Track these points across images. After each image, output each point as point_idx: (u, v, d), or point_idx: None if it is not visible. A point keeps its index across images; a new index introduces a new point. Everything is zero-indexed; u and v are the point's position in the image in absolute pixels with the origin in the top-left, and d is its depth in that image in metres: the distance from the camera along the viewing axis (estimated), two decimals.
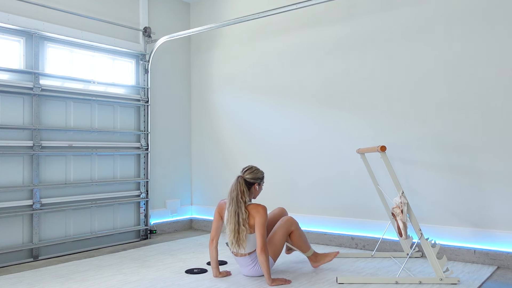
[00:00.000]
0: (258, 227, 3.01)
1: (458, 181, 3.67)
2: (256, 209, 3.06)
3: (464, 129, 3.65)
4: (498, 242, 3.48)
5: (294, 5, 3.96)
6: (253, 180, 3.20)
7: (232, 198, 3.11)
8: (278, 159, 4.77)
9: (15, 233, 3.87)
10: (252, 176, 3.20)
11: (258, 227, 3.01)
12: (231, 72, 5.21)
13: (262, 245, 2.98)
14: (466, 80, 3.65)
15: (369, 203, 4.11)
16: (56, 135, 4.20)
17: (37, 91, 4.01)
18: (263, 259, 2.98)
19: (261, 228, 3.00)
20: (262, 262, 2.99)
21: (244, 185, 3.15)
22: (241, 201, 3.08)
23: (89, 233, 4.41)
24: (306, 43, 4.57)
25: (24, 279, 3.30)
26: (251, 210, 3.07)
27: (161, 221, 5.16)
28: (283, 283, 3.05)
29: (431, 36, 3.81)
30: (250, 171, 3.22)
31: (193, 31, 4.70)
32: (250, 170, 3.23)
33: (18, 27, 3.92)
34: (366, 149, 3.54)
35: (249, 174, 3.20)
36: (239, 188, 3.13)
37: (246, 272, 3.24)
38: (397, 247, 3.91)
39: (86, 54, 4.53)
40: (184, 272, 3.40)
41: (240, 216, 3.05)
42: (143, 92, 4.98)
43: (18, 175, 3.91)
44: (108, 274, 3.38)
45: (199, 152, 5.54)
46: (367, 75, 4.17)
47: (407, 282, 3.01)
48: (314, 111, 4.51)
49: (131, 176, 4.83)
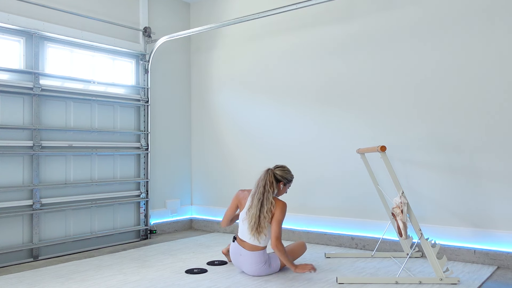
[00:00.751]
0: (275, 222, 3.14)
1: (458, 181, 3.67)
2: (278, 204, 3.18)
3: (464, 129, 3.65)
4: (498, 242, 3.48)
5: (294, 5, 3.96)
6: (281, 178, 3.30)
7: (259, 186, 3.23)
8: (278, 159, 4.76)
9: (15, 233, 3.87)
10: (281, 174, 3.31)
11: (275, 222, 3.14)
12: (231, 72, 5.21)
13: (276, 238, 3.12)
14: (466, 80, 3.65)
15: (369, 203, 4.11)
16: (56, 135, 4.20)
17: (37, 91, 4.01)
18: (278, 250, 3.12)
19: (277, 224, 3.13)
20: (279, 252, 3.13)
21: (273, 178, 3.25)
22: (269, 190, 3.20)
23: (89, 233, 4.41)
24: (306, 43, 4.57)
25: (24, 279, 3.30)
26: (276, 203, 3.19)
27: (161, 221, 5.16)
28: (308, 270, 3.14)
29: (432, 37, 3.81)
30: (282, 169, 3.35)
31: (193, 31, 4.70)
32: (282, 168, 3.35)
33: (18, 27, 3.92)
34: (366, 149, 3.54)
35: (280, 171, 3.32)
36: (268, 178, 3.24)
37: (252, 269, 3.21)
38: (397, 247, 3.91)
39: (86, 54, 4.53)
40: (184, 272, 3.40)
41: (266, 204, 3.15)
42: (143, 92, 4.98)
43: (18, 175, 3.91)
44: (108, 274, 3.38)
45: (199, 152, 5.54)
46: (367, 76, 4.17)
47: (407, 282, 3.01)
48: (314, 111, 4.51)
49: (131, 176, 4.83)
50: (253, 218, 3.16)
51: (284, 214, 3.19)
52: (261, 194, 3.20)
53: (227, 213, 3.51)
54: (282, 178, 3.31)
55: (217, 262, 3.66)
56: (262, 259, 3.20)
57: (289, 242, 4.44)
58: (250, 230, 3.16)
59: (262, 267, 3.20)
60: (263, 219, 3.14)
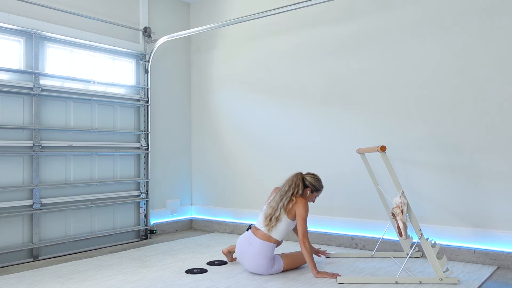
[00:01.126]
0: (299, 219, 3.22)
1: (458, 181, 3.67)
2: (298, 200, 3.26)
3: (464, 129, 3.65)
4: (498, 242, 3.48)
5: (294, 5, 3.96)
6: (309, 184, 3.37)
7: (285, 185, 3.35)
8: (278, 159, 4.77)
9: (15, 233, 3.87)
10: (311, 180, 3.39)
11: (299, 219, 3.22)
12: (231, 72, 5.21)
13: (302, 236, 3.18)
14: (466, 80, 3.65)
15: (369, 203, 4.11)
16: (56, 135, 4.20)
17: (37, 91, 4.01)
18: (305, 247, 3.17)
19: (301, 221, 3.21)
20: (305, 250, 3.17)
21: (301, 181, 3.34)
22: (292, 190, 3.28)
23: (89, 233, 4.41)
24: (306, 43, 4.57)
25: (24, 279, 3.30)
26: (297, 200, 3.26)
27: (161, 221, 5.16)
28: (330, 276, 3.13)
29: (432, 37, 3.81)
30: (313, 176, 3.42)
31: (193, 31, 4.70)
32: (313, 175, 3.42)
33: (18, 27, 3.92)
34: (366, 149, 3.54)
35: (310, 177, 3.40)
36: (295, 180, 3.33)
37: (255, 262, 3.22)
38: (397, 247, 3.91)
39: (86, 54, 4.53)
40: (184, 272, 3.40)
41: (285, 199, 3.26)
42: (143, 92, 4.98)
43: (18, 175, 3.91)
44: (108, 274, 3.38)
45: (199, 152, 5.54)
46: (367, 76, 4.17)
47: (407, 282, 3.01)
48: (314, 111, 4.51)
49: (131, 176, 4.83)
50: (271, 209, 3.28)
51: (306, 210, 3.23)
52: (284, 192, 3.31)
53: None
54: (310, 184, 3.37)
55: (217, 262, 3.66)
56: (268, 253, 3.22)
57: (289, 242, 4.46)
58: (265, 219, 3.27)
59: (265, 262, 3.21)
60: (279, 211, 3.23)
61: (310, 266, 3.19)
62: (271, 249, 3.25)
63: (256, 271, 3.25)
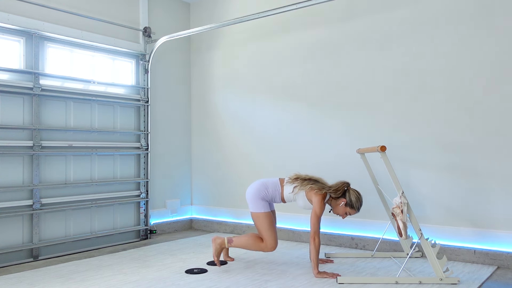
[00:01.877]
0: (312, 215, 3.24)
1: (458, 181, 3.67)
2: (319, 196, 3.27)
3: (464, 129, 3.65)
4: (498, 242, 3.48)
5: (294, 5, 3.96)
6: (348, 197, 3.32)
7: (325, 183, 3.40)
8: (278, 159, 4.77)
9: (15, 233, 3.87)
10: (352, 195, 3.33)
11: (312, 215, 3.24)
12: (231, 72, 5.21)
13: (313, 233, 3.19)
14: (466, 80, 3.65)
15: (369, 203, 4.11)
16: (56, 135, 4.20)
17: (37, 91, 4.01)
18: (313, 246, 3.16)
19: (315, 217, 3.22)
20: (312, 247, 3.17)
21: (343, 189, 3.33)
22: (327, 187, 3.34)
23: (89, 233, 4.41)
24: (306, 43, 4.57)
25: (24, 279, 3.30)
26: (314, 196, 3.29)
27: (161, 221, 5.16)
28: (330, 276, 3.13)
29: (431, 37, 3.81)
30: (358, 195, 3.35)
31: (193, 31, 4.70)
32: (358, 195, 3.35)
33: (18, 27, 3.92)
34: (366, 149, 3.53)
35: (354, 192, 3.35)
36: (340, 185, 3.34)
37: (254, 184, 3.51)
38: (397, 247, 3.91)
39: (86, 54, 4.53)
40: (184, 272, 3.40)
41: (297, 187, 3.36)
42: (143, 92, 4.98)
43: (18, 175, 3.91)
44: (108, 274, 3.38)
45: (199, 152, 5.54)
46: (367, 76, 4.17)
47: (407, 282, 3.01)
48: (314, 111, 4.51)
49: (131, 176, 4.83)
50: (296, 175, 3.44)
51: (320, 206, 3.23)
52: (322, 185, 3.35)
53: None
54: (348, 198, 3.32)
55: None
56: (270, 187, 3.42)
57: (289, 242, 4.46)
58: (294, 175, 3.45)
59: (261, 187, 3.41)
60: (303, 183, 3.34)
61: (313, 264, 3.19)
62: (276, 187, 3.42)
63: (249, 193, 3.43)
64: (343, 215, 3.38)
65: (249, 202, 3.45)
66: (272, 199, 3.45)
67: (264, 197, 3.41)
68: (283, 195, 3.44)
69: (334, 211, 3.40)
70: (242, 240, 3.40)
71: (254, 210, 3.41)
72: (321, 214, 3.24)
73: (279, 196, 3.45)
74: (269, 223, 3.37)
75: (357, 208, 3.34)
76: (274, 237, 3.37)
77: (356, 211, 3.35)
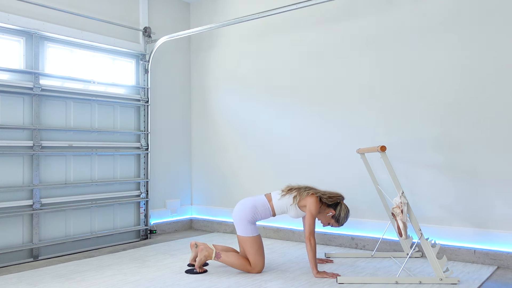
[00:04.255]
0: (307, 215, 3.24)
1: (458, 181, 3.67)
2: (313, 199, 3.26)
3: (464, 129, 3.65)
4: (498, 242, 3.48)
5: (294, 5, 3.96)
6: (337, 210, 3.34)
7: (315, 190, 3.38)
8: (278, 159, 4.77)
9: (15, 233, 3.87)
10: (341, 210, 3.35)
11: (307, 215, 3.24)
12: (231, 72, 5.21)
13: (308, 233, 3.18)
14: (466, 80, 3.65)
15: (369, 203, 4.11)
16: (56, 135, 4.20)
17: (37, 91, 4.01)
18: (309, 247, 3.16)
19: (310, 217, 3.22)
20: (309, 247, 3.16)
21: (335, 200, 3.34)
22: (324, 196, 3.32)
23: (89, 233, 4.41)
24: (306, 43, 4.57)
25: (24, 279, 3.30)
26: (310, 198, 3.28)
27: (161, 221, 5.16)
28: (329, 276, 3.13)
29: (431, 37, 3.81)
30: (347, 211, 3.37)
31: (193, 31, 4.70)
32: (347, 211, 3.38)
33: (18, 27, 3.92)
34: (366, 149, 3.53)
35: (345, 208, 3.37)
36: (334, 196, 3.35)
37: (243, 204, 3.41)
38: (397, 247, 3.91)
39: (86, 54, 4.53)
40: (184, 272, 3.40)
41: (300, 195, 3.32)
42: (143, 92, 4.98)
43: (18, 175, 3.91)
44: (108, 274, 3.38)
45: (199, 152, 5.54)
46: (367, 76, 4.17)
47: (407, 282, 3.01)
48: (314, 111, 4.51)
49: (131, 176, 4.83)
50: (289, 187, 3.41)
51: (316, 207, 3.23)
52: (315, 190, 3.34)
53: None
54: (338, 211, 3.33)
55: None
56: (260, 206, 3.34)
57: (289, 242, 4.46)
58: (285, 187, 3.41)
59: (251, 210, 3.31)
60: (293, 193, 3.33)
61: (311, 265, 3.19)
62: (266, 204, 3.35)
63: (237, 216, 3.34)
64: (325, 224, 3.42)
65: (237, 225, 3.33)
66: (262, 217, 3.38)
67: (252, 220, 3.32)
68: (273, 211, 3.38)
69: (318, 216, 3.36)
70: (230, 260, 3.31)
71: (242, 234, 3.30)
72: (316, 215, 3.25)
73: (270, 213, 3.38)
74: (258, 247, 3.29)
75: (341, 224, 3.40)
76: (263, 261, 3.32)
77: (339, 226, 3.41)
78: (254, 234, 3.30)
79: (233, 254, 3.36)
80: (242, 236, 3.31)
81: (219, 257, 3.32)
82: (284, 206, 3.35)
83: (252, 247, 3.28)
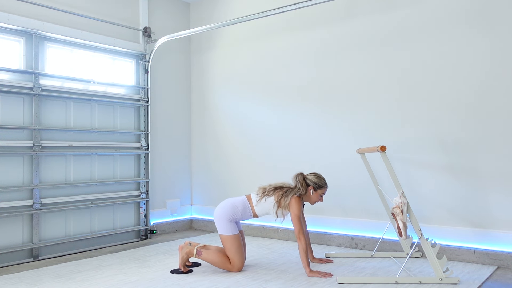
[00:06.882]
0: (292, 217, 3.27)
1: (458, 181, 3.67)
2: (294, 200, 3.30)
3: (464, 129, 3.65)
4: (498, 242, 3.48)
5: (294, 5, 3.96)
6: (311, 182, 3.39)
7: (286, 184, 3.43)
8: (278, 159, 4.77)
9: (15, 233, 3.87)
10: (312, 178, 3.41)
11: (292, 217, 3.27)
12: (231, 72, 5.21)
13: (297, 233, 3.22)
14: (466, 80, 3.65)
15: (369, 203, 4.11)
16: (56, 135, 4.20)
17: (37, 91, 4.01)
18: (300, 246, 3.20)
19: (295, 218, 3.25)
20: (299, 249, 3.21)
21: (303, 181, 3.38)
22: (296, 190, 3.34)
23: (89, 233, 4.41)
24: (306, 43, 4.57)
25: (24, 279, 3.30)
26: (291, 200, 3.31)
27: (161, 221, 5.16)
28: (322, 276, 3.15)
29: (430, 37, 3.81)
30: (315, 174, 3.45)
31: (193, 31, 4.70)
32: (315, 174, 3.46)
33: (18, 27, 3.92)
34: (366, 149, 3.54)
35: (311, 175, 3.43)
36: (299, 179, 3.38)
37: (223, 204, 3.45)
38: (397, 247, 3.91)
39: (86, 54, 4.53)
40: (170, 272, 3.39)
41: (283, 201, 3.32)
42: (143, 92, 4.98)
43: (18, 175, 3.91)
44: (108, 274, 3.38)
45: (199, 152, 5.54)
46: (367, 75, 4.17)
47: (407, 282, 3.01)
48: (314, 111, 4.51)
49: (131, 176, 4.83)
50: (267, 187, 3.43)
51: (298, 208, 3.27)
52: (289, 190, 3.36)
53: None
54: (312, 182, 3.39)
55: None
56: (240, 206, 3.38)
57: (289, 242, 4.46)
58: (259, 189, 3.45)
59: (230, 209, 3.36)
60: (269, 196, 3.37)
61: (303, 264, 3.20)
62: (245, 203, 3.40)
63: (217, 214, 3.38)
64: (320, 199, 3.46)
65: (217, 224, 3.39)
66: (242, 217, 3.41)
67: (231, 219, 3.36)
68: (254, 211, 3.41)
69: (310, 201, 3.44)
70: (210, 257, 3.33)
71: (222, 232, 3.35)
72: (300, 214, 3.29)
73: (250, 212, 3.41)
74: (237, 245, 3.34)
75: (325, 184, 3.45)
76: (242, 259, 3.36)
77: (325, 187, 3.45)
78: (234, 232, 3.34)
79: (214, 252, 3.37)
80: (222, 234, 3.37)
81: (200, 254, 3.35)
82: (266, 210, 3.40)
83: (232, 245, 3.33)
